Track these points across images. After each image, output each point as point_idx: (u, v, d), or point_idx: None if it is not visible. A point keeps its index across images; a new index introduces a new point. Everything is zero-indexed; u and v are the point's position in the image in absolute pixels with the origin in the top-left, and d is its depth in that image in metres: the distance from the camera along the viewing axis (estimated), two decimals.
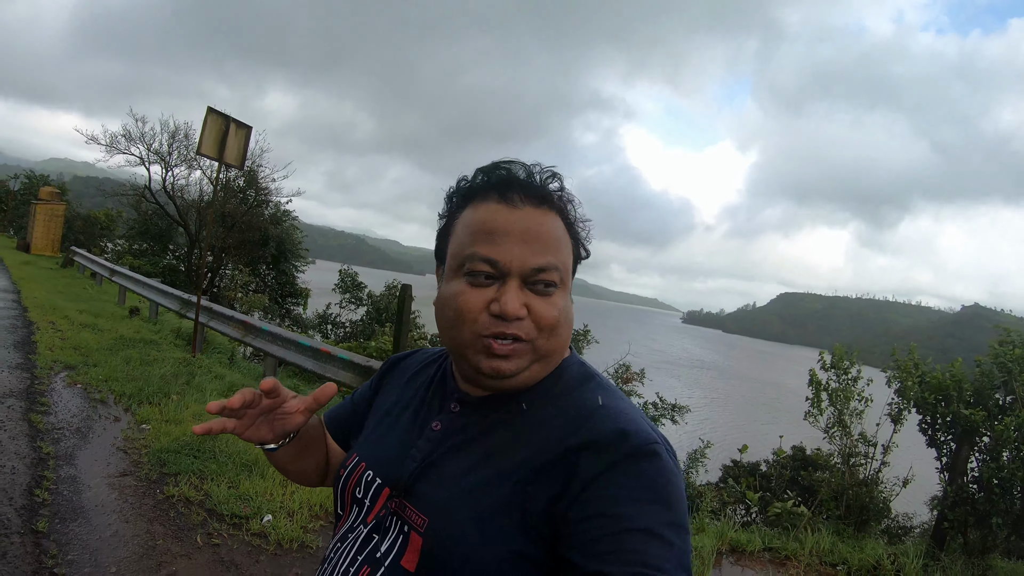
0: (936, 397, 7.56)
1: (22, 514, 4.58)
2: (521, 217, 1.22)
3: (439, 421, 1.33)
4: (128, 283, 16.76)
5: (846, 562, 6.29)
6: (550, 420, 1.21)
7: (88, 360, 9.36)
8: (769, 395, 68.67)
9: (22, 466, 5.38)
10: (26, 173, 50.15)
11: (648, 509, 1.05)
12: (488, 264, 1.20)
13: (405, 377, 1.54)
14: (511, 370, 1.20)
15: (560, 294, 1.24)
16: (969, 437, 7.29)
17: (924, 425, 7.78)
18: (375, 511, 1.29)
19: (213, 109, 10.58)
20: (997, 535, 6.95)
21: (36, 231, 30.41)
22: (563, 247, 1.26)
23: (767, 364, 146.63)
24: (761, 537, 6.71)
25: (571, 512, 1.08)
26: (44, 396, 7.37)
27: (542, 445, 1.17)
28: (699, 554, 5.86)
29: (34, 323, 11.82)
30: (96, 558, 4.24)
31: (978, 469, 7.26)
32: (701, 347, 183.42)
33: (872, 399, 8.49)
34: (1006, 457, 7.00)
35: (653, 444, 1.13)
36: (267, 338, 10.35)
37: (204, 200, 26.62)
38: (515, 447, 1.20)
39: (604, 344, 15.84)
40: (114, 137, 25.88)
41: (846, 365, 8.58)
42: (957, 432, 7.43)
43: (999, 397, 7.42)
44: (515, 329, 1.18)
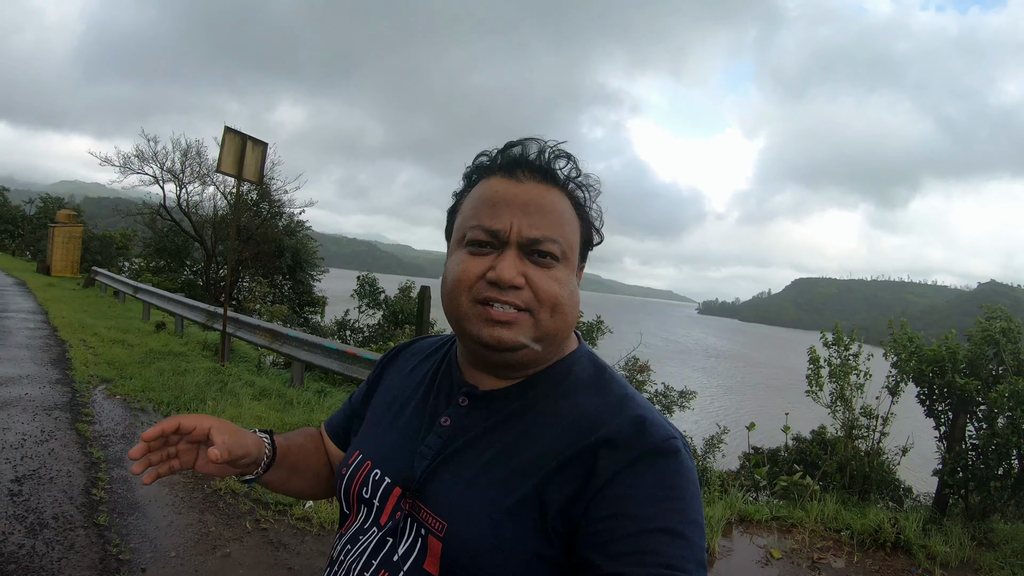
0: (932, 369, 7.79)
1: (83, 511, 4.99)
2: (524, 190, 1.22)
3: (448, 416, 1.30)
4: (153, 299, 17.14)
5: (849, 527, 6.52)
6: (565, 416, 1.20)
7: (123, 373, 9.76)
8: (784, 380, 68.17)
9: (76, 470, 5.79)
10: (41, 197, 50.55)
11: (668, 508, 1.05)
12: (487, 233, 1.20)
13: (407, 368, 1.52)
14: (511, 340, 1.18)
15: (562, 270, 1.22)
16: (965, 406, 7.49)
17: (922, 396, 7.99)
18: (387, 512, 1.26)
19: (230, 128, 10.94)
20: (996, 498, 7.13)
21: (55, 253, 30.72)
22: (567, 224, 1.25)
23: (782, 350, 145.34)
24: (769, 508, 6.97)
25: (590, 511, 1.07)
26: (87, 407, 7.79)
27: (558, 442, 1.16)
28: (709, 523, 6.07)
29: (66, 341, 12.20)
30: (156, 545, 4.64)
31: (975, 436, 7.49)
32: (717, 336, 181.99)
33: (871, 374, 8.73)
34: (1001, 423, 7.18)
35: (672, 440, 1.13)
36: (294, 344, 10.70)
37: (219, 215, 27.02)
38: (529, 444, 1.19)
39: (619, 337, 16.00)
40: (127, 158, 26.22)
41: (846, 342, 8.85)
42: (953, 401, 7.64)
43: (992, 368, 7.65)
44: (512, 297, 1.17)
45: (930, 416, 8.00)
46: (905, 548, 6.26)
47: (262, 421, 7.83)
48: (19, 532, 4.51)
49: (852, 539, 6.37)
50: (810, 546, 6.23)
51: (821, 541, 6.37)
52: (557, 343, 1.26)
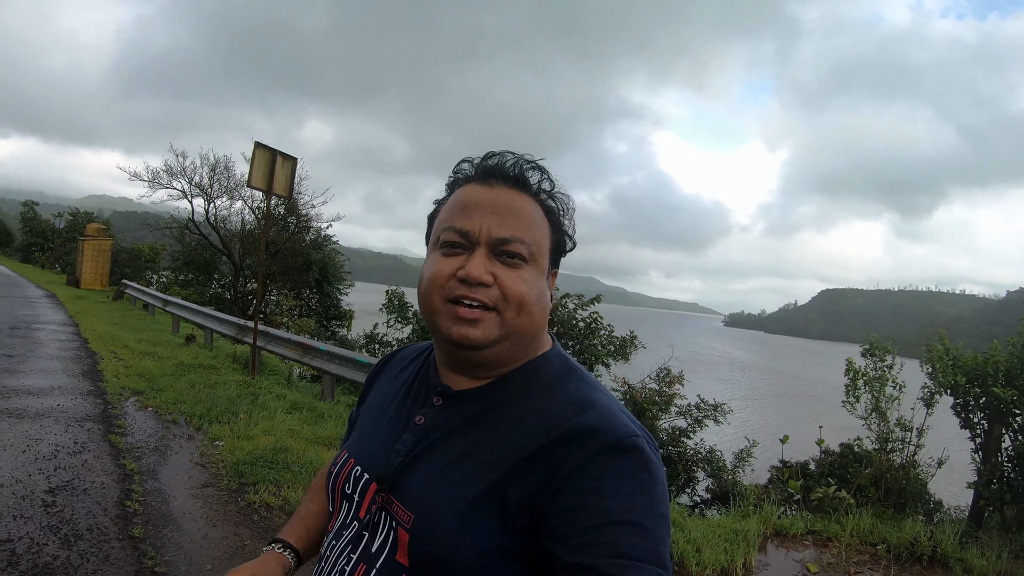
0: (968, 380, 7.70)
1: (117, 523, 5.01)
2: (495, 194, 1.28)
3: (422, 415, 1.34)
4: (183, 312, 17.21)
5: (885, 541, 6.46)
6: (531, 413, 1.23)
7: (154, 385, 9.80)
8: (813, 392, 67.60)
9: (110, 481, 5.81)
10: (70, 211, 51.18)
11: (629, 501, 1.08)
12: (458, 234, 1.25)
13: (393, 374, 1.58)
14: (479, 338, 1.22)
15: (530, 271, 1.27)
16: (1001, 417, 7.42)
17: (957, 407, 7.91)
18: (364, 507, 1.31)
19: (260, 144, 11.00)
20: None
21: (85, 266, 31.08)
22: (536, 227, 1.29)
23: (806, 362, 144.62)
24: (804, 521, 6.92)
25: (552, 505, 1.10)
26: (119, 420, 7.83)
27: (523, 438, 1.19)
28: (745, 537, 6.06)
29: (97, 353, 12.30)
30: (191, 558, 4.65)
31: (1012, 447, 7.40)
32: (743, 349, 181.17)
33: (905, 386, 8.65)
34: None
35: (633, 437, 1.15)
36: (324, 357, 10.72)
37: (246, 229, 27.26)
38: (496, 440, 1.22)
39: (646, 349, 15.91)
40: (156, 173, 26.65)
41: (882, 354, 8.75)
42: (989, 412, 7.56)
43: None
44: (480, 295, 1.21)
45: (965, 427, 7.91)
46: (942, 562, 6.20)
47: (295, 435, 7.82)
48: (54, 543, 4.53)
49: (888, 553, 6.33)
50: (846, 560, 6.17)
51: (857, 555, 6.31)
52: (525, 342, 1.30)
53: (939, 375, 8.08)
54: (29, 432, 6.93)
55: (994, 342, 8.01)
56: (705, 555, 5.53)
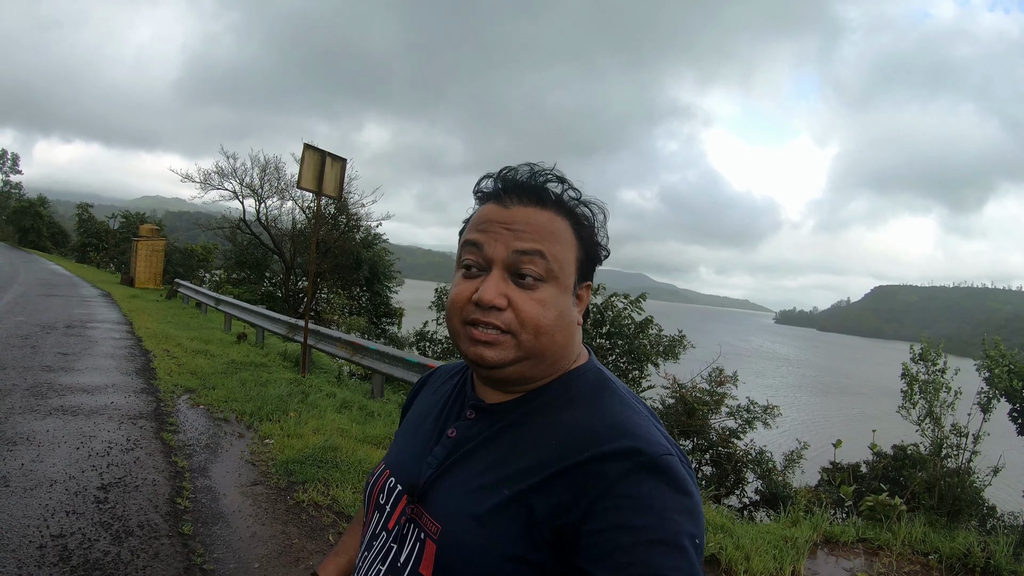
0: None
1: (168, 520, 5.07)
2: (512, 212, 1.24)
3: (455, 428, 1.34)
4: (235, 311, 17.39)
5: (937, 551, 6.31)
6: (561, 428, 1.21)
7: (206, 383, 9.93)
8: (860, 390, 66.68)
9: (161, 479, 5.89)
10: (123, 213, 52.09)
11: (664, 520, 1.05)
12: (476, 254, 1.23)
13: (433, 389, 1.57)
14: (493, 359, 1.20)
15: (548, 290, 1.22)
16: None
17: (1014, 413, 7.75)
18: (394, 517, 1.30)
19: (309, 145, 11.13)
20: None
21: (139, 266, 31.59)
22: (557, 240, 1.24)
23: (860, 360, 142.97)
24: (855, 528, 6.78)
25: (584, 524, 1.07)
26: (171, 417, 7.94)
27: (552, 453, 1.16)
28: (794, 544, 5.98)
29: (150, 351, 12.50)
30: (239, 556, 4.68)
31: None
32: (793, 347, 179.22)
33: (961, 391, 8.47)
34: None
35: (665, 456, 1.12)
36: (375, 357, 10.77)
37: (297, 228, 27.59)
38: (523, 453, 1.20)
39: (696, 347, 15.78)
40: (207, 175, 27.13)
41: (933, 356, 8.58)
42: None
43: None
44: (493, 319, 1.19)
45: (1022, 434, 7.74)
46: (995, 574, 6.04)
47: (344, 433, 7.84)
48: (105, 539, 4.60)
49: (940, 563, 6.17)
50: (897, 570, 6.03)
51: (908, 565, 6.17)
52: (549, 361, 1.27)
53: (995, 380, 7.91)
54: (83, 429, 7.05)
55: None
56: (753, 562, 5.44)
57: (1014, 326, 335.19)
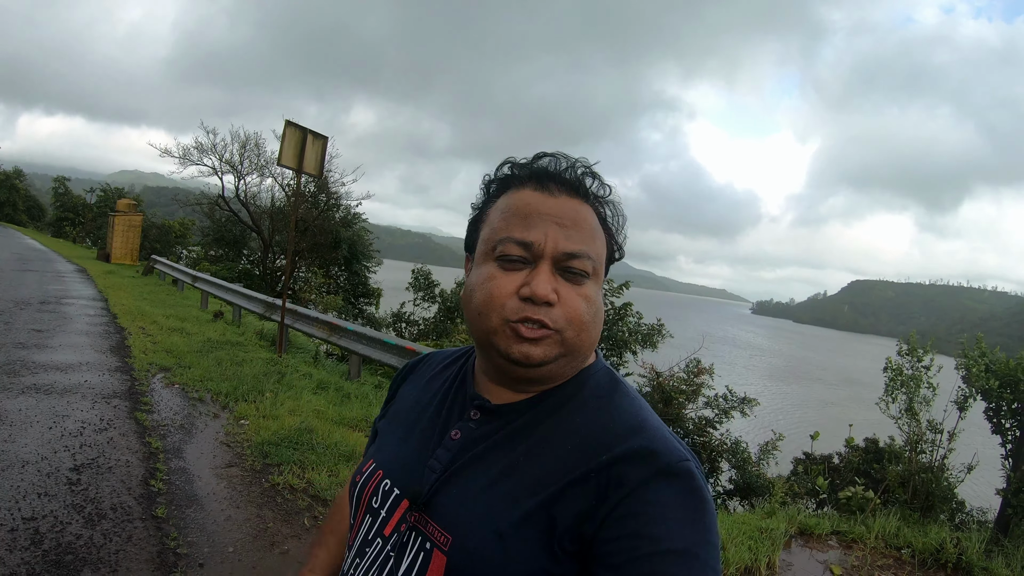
0: (1001, 384, 7.60)
1: (141, 502, 5.00)
2: (557, 203, 1.20)
3: (458, 429, 1.27)
4: (212, 289, 17.26)
5: (910, 545, 6.37)
6: (576, 432, 1.17)
7: (181, 362, 9.84)
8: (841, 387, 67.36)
9: (135, 460, 5.82)
10: (101, 187, 51.61)
11: (682, 529, 1.03)
12: (521, 247, 1.17)
13: (424, 379, 1.49)
14: (539, 357, 1.15)
15: (591, 287, 1.20)
16: None
17: (989, 412, 7.81)
18: (392, 523, 1.24)
19: (291, 122, 11.05)
20: None
21: (115, 241, 31.31)
22: (597, 239, 1.23)
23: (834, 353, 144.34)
24: (830, 521, 6.84)
25: (603, 531, 1.05)
26: (146, 396, 7.85)
27: (568, 458, 1.13)
28: (770, 536, 6.02)
29: (125, 329, 12.37)
30: (213, 540, 4.64)
31: None
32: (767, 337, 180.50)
33: (938, 387, 8.55)
34: None
35: (685, 462, 1.11)
36: (352, 337, 10.75)
37: (276, 206, 27.44)
38: (539, 459, 1.16)
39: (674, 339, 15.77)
40: (187, 150, 26.86)
41: (920, 353, 8.64)
42: (1022, 418, 7.47)
43: None
44: (543, 315, 1.14)
45: (996, 433, 7.81)
46: (967, 570, 6.11)
47: (320, 415, 7.82)
48: (77, 522, 4.53)
49: (913, 558, 6.23)
50: (871, 564, 6.09)
51: (882, 559, 6.23)
52: (579, 359, 1.23)
53: (973, 378, 7.97)
54: (56, 408, 6.96)
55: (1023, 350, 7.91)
56: (730, 553, 5.48)
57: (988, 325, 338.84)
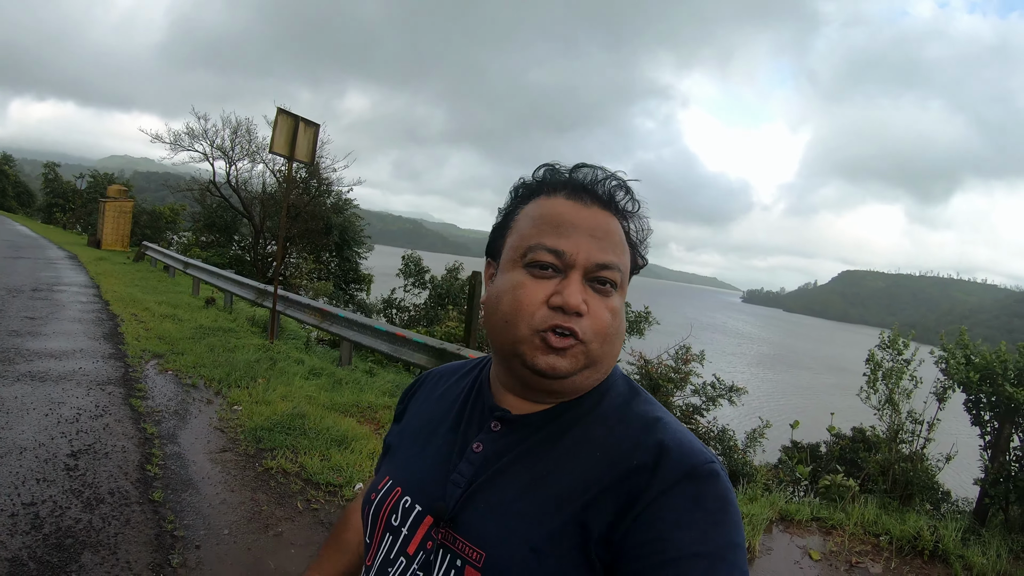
0: (981, 377, 7.72)
1: (138, 487, 5.12)
2: (590, 215, 1.18)
3: (480, 442, 1.23)
4: (203, 275, 17.26)
5: (888, 532, 6.52)
6: (600, 441, 1.16)
7: (174, 348, 9.94)
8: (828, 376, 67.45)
9: (131, 445, 5.94)
10: (91, 172, 51.32)
11: (708, 532, 1.03)
12: (553, 255, 1.14)
13: (437, 392, 1.45)
14: (567, 368, 1.13)
15: (618, 299, 1.18)
16: (1011, 416, 7.43)
17: (969, 404, 7.93)
18: (416, 541, 1.19)
19: (283, 110, 11.12)
20: None
21: (106, 227, 31.16)
22: (625, 252, 1.21)
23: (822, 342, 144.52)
24: (810, 508, 6.98)
25: (629, 537, 1.04)
26: (140, 383, 7.96)
27: (596, 468, 1.12)
28: (750, 521, 6.16)
29: (118, 315, 12.44)
30: (209, 523, 4.76)
31: (1020, 447, 7.43)
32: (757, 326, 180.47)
33: (921, 379, 8.66)
34: None
35: (710, 464, 1.10)
36: (343, 324, 10.83)
37: (267, 192, 27.47)
38: (567, 470, 1.14)
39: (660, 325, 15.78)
40: (178, 135, 26.85)
41: (900, 346, 8.75)
42: (1000, 411, 7.59)
43: None
44: (574, 324, 1.11)
45: (975, 424, 7.93)
46: (943, 557, 6.23)
47: (312, 401, 7.93)
48: (76, 506, 4.64)
49: (891, 544, 6.36)
50: (849, 549, 6.23)
51: (860, 545, 6.36)
52: (602, 371, 1.20)
53: (951, 371, 8.08)
54: (52, 395, 7.05)
55: (1001, 343, 8.01)
56: None
57: (977, 317, 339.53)
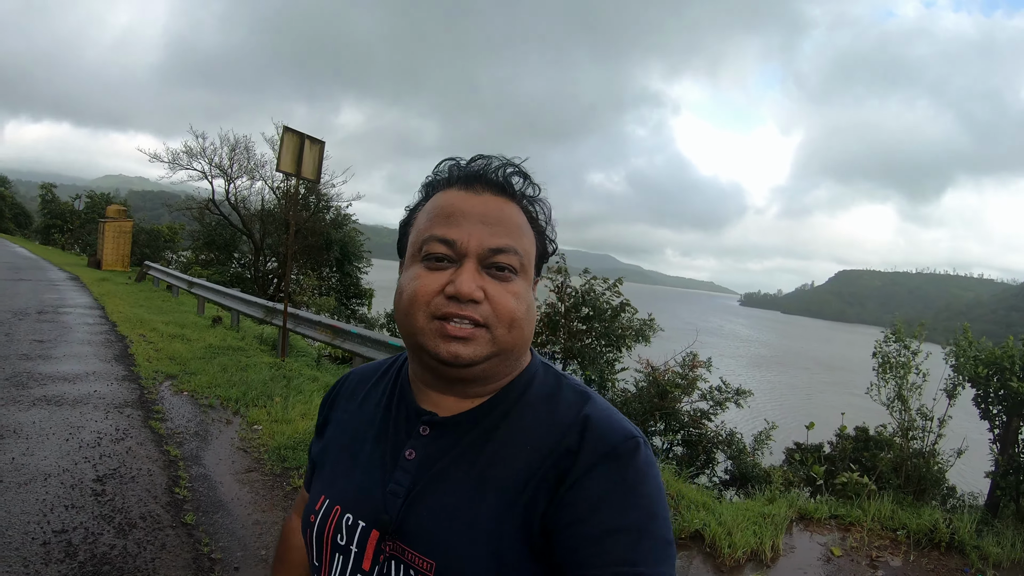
0: (989, 372, 7.79)
1: (169, 510, 5.16)
2: (481, 202, 1.20)
3: (412, 448, 1.22)
4: (209, 294, 17.19)
5: (905, 527, 6.59)
6: (530, 430, 1.18)
7: (186, 368, 9.97)
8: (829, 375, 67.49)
9: (156, 468, 5.98)
10: (88, 193, 51.32)
11: (628, 507, 1.06)
12: (445, 244, 1.16)
13: (357, 399, 1.42)
14: (469, 356, 1.13)
15: (520, 283, 1.19)
16: (1019, 409, 7.52)
17: (978, 398, 8.01)
18: (368, 558, 1.18)
19: (289, 128, 11.15)
20: None
21: (106, 248, 31.13)
22: (524, 236, 1.22)
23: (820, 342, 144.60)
24: (828, 506, 7.06)
25: (557, 519, 1.07)
26: (157, 404, 8.00)
27: (529, 458, 1.15)
28: (772, 521, 6.23)
29: (126, 337, 12.45)
30: (244, 544, 4.81)
31: None
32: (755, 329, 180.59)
33: (928, 373, 8.73)
34: None
35: (630, 439, 1.13)
36: (356, 340, 10.83)
37: (267, 209, 27.47)
38: (503, 465, 1.16)
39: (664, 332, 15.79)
40: (176, 154, 26.78)
41: (907, 340, 8.80)
42: (1008, 405, 7.66)
43: None
44: (471, 311, 1.13)
45: (984, 419, 8.01)
46: (959, 548, 6.33)
47: None
48: (109, 533, 4.65)
49: (908, 538, 6.44)
50: (868, 544, 6.30)
51: (878, 540, 6.44)
52: (514, 357, 1.23)
53: (962, 367, 8.15)
54: (70, 419, 7.06)
55: (1009, 338, 8.07)
56: (736, 538, 5.69)
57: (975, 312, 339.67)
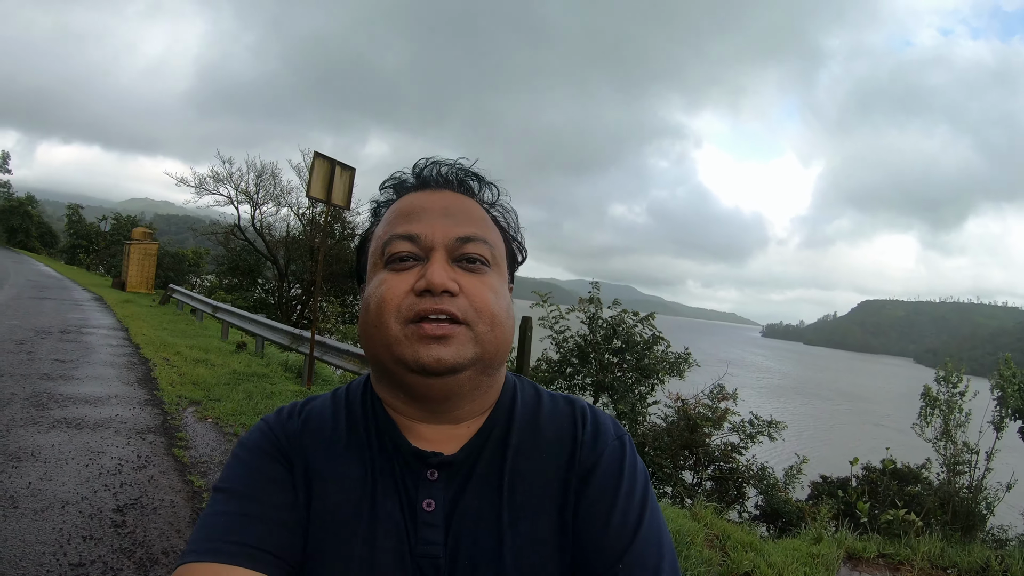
0: None
1: None
2: (440, 197, 1.15)
3: (429, 499, 1.07)
4: (235, 320, 17.02)
5: (956, 565, 6.41)
6: (539, 438, 1.13)
7: (210, 395, 9.78)
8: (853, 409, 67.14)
9: (180, 499, 5.72)
10: (114, 215, 52.05)
11: (622, 502, 1.06)
12: (408, 241, 1.08)
13: (333, 455, 1.13)
14: (452, 358, 1.02)
15: (495, 277, 1.11)
16: None
17: (1023, 431, 7.86)
18: None
19: (320, 154, 11.04)
20: None
21: (131, 269, 31.40)
22: (490, 229, 1.16)
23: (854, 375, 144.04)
24: (876, 544, 6.85)
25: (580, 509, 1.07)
26: (180, 431, 7.78)
27: (546, 475, 1.10)
28: (824, 561, 6.02)
29: (149, 360, 12.33)
30: None
31: None
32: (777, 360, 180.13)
33: (971, 412, 8.58)
34: None
35: (620, 436, 1.15)
36: None
37: (292, 235, 27.57)
38: (523, 490, 1.08)
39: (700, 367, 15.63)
40: (203, 179, 27.15)
41: (955, 379, 8.66)
42: None
43: None
44: (447, 304, 1.03)
45: None
46: None
47: None
48: (129, 568, 4.41)
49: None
50: None
51: None
52: (497, 364, 1.12)
53: (1008, 399, 7.98)
54: (90, 444, 6.86)
55: None
56: None
57: (1000, 340, 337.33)
